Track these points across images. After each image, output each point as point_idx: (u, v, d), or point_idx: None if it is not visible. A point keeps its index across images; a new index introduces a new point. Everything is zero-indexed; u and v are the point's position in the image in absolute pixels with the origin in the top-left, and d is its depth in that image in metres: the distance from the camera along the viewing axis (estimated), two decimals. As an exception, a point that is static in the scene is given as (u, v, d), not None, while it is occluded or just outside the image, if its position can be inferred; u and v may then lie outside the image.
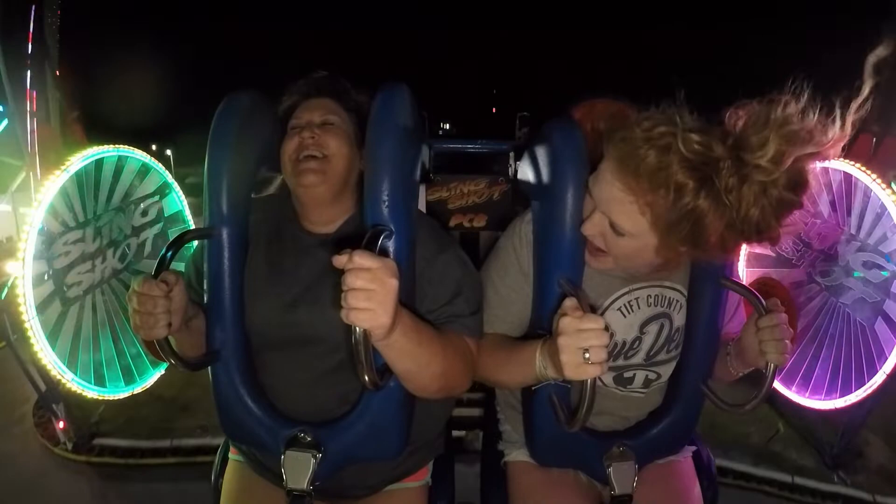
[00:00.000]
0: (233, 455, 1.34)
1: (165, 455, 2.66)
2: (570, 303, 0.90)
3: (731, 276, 1.15)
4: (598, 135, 1.08)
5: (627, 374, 1.19)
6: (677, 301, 1.18)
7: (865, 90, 0.90)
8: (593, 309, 0.92)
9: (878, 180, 1.38)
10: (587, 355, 0.86)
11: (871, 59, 0.97)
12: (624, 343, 1.17)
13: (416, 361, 0.99)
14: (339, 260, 0.82)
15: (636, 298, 1.16)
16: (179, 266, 1.26)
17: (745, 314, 1.25)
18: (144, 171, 1.58)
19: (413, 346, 0.96)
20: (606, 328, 0.89)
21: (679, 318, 1.19)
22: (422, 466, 1.31)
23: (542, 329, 1.10)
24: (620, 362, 1.18)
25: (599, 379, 1.18)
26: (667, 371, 1.21)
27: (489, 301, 1.19)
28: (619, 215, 0.99)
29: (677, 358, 1.20)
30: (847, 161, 1.46)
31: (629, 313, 1.16)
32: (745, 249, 1.74)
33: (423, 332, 0.97)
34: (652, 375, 1.20)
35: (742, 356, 1.13)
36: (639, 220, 0.97)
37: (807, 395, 1.48)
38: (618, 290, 1.16)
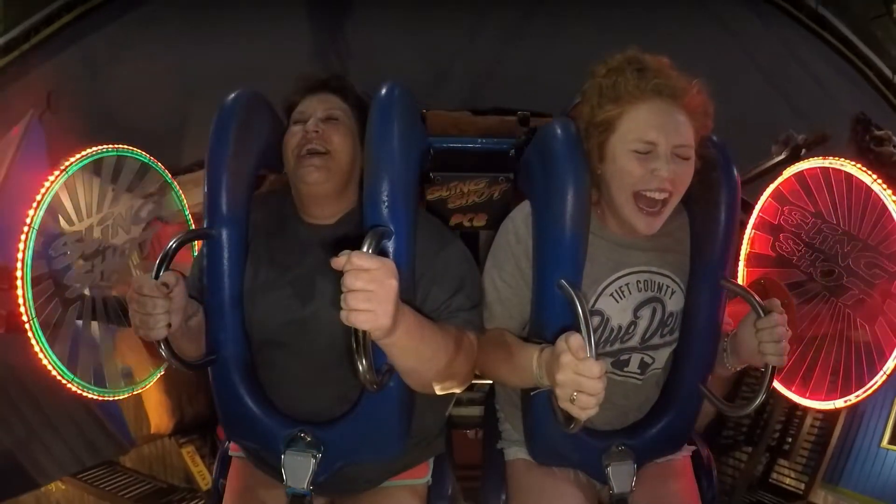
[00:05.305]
0: (234, 452, 1.34)
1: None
2: (575, 342, 0.88)
3: (729, 275, 1.15)
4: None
5: (623, 357, 1.20)
6: (668, 287, 1.19)
7: None
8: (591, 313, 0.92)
9: (879, 180, 1.38)
10: (575, 396, 0.87)
11: None
12: (619, 328, 1.18)
13: (419, 358, 0.99)
14: (338, 262, 0.82)
15: (626, 284, 1.17)
16: (179, 266, 1.27)
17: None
18: (144, 170, 1.58)
19: (416, 344, 0.96)
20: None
21: (672, 304, 1.19)
22: (422, 462, 1.31)
23: (541, 330, 1.10)
24: (617, 346, 1.19)
25: None
26: (661, 356, 1.22)
27: (489, 298, 1.19)
28: (681, 135, 1.05)
29: (672, 344, 1.21)
30: (848, 161, 1.46)
31: (621, 298, 1.17)
32: (744, 249, 1.74)
33: (426, 329, 0.98)
34: (647, 359, 1.21)
35: (738, 353, 1.14)
36: (691, 129, 1.07)
37: (807, 395, 1.48)
38: (608, 277, 1.17)
